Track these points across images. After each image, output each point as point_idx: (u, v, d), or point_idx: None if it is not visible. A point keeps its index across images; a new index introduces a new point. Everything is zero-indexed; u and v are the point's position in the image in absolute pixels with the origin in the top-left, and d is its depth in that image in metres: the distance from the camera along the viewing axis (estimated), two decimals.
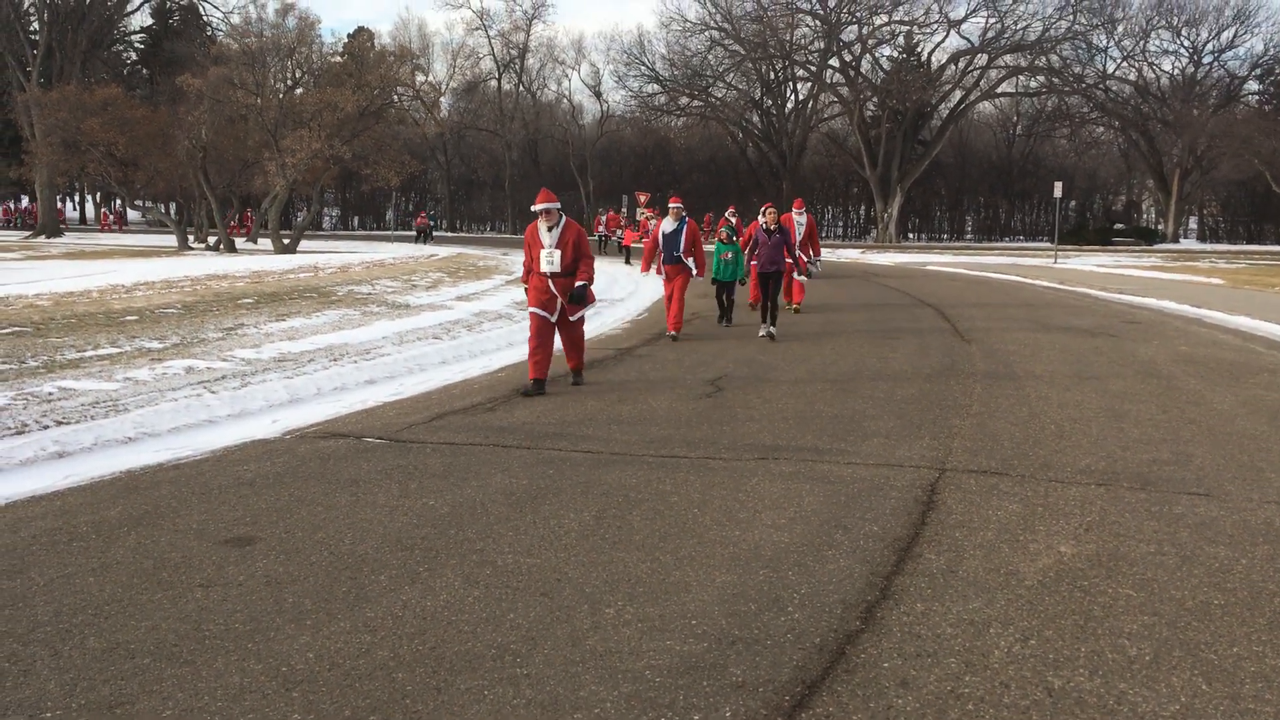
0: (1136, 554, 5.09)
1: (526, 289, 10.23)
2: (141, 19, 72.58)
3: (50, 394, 8.78)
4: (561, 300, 9.85)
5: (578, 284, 9.78)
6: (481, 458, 7.16)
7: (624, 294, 20.65)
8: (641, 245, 23.56)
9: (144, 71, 70.60)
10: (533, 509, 5.89)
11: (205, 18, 68.72)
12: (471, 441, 7.66)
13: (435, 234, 60.10)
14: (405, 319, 14.42)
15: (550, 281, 9.84)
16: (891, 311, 17.70)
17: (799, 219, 17.18)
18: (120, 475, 6.72)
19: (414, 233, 56.21)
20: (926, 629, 4.18)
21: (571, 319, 10.05)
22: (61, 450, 7.28)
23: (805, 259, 16.93)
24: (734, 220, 19.63)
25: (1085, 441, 7.57)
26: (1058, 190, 34.92)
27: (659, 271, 14.49)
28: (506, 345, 13.22)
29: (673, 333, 13.71)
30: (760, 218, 14.53)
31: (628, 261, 31.87)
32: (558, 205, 9.83)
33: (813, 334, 14.21)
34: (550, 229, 9.79)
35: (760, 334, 13.61)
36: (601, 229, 40.59)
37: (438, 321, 14.35)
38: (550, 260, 9.73)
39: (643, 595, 4.55)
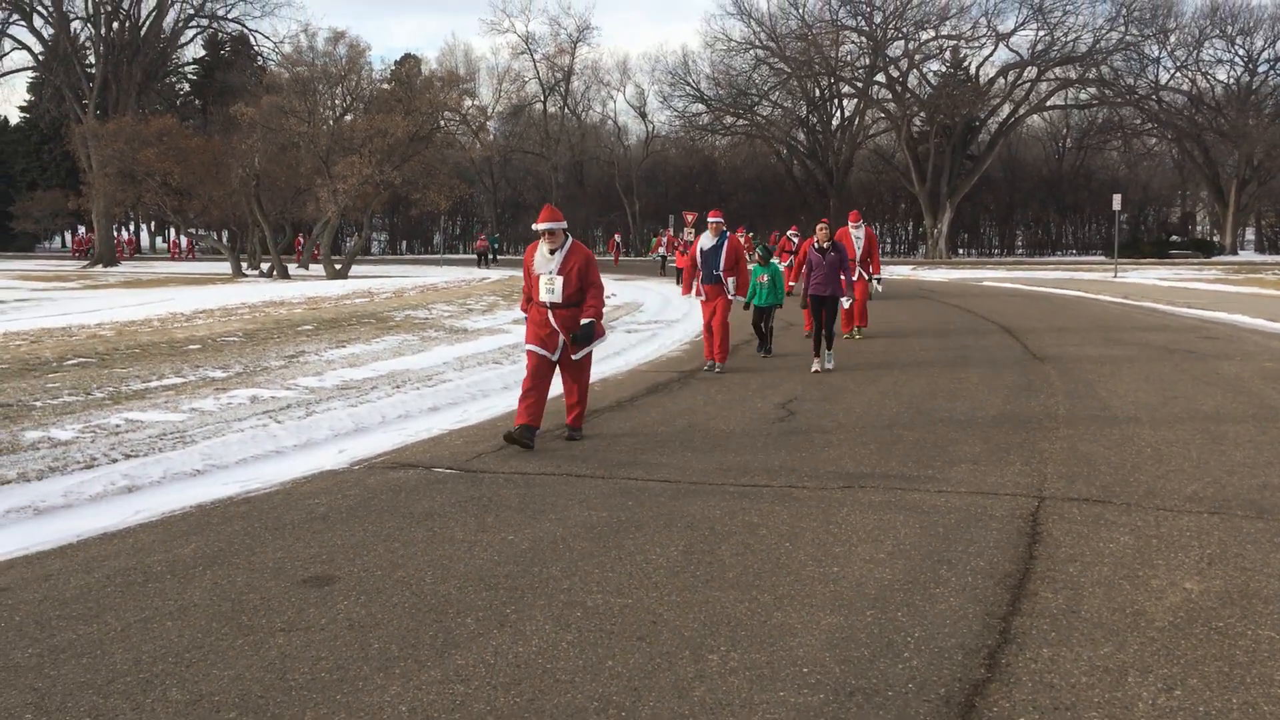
0: (1269, 591, 4.75)
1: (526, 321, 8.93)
2: (194, 50, 73.99)
3: (117, 426, 8.70)
4: (563, 336, 8.50)
5: (584, 320, 8.43)
6: (556, 488, 6.94)
7: (679, 315, 20.43)
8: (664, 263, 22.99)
9: (196, 102, 71.84)
10: (616, 544, 5.65)
11: (256, 48, 69.90)
12: (543, 471, 7.45)
13: (499, 257, 60.38)
14: (464, 343, 14.30)
15: (551, 313, 8.48)
16: (955, 330, 17.31)
17: (856, 233, 16.20)
18: (191, 510, 6.58)
19: (474, 256, 56.54)
20: (1059, 677, 3.88)
21: (574, 358, 8.61)
22: (131, 484, 7.16)
23: (866, 276, 16.05)
24: (797, 240, 19.50)
25: (1187, 466, 7.20)
26: (1116, 203, 34.26)
27: (698, 293, 13.00)
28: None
29: (712, 362, 12.53)
30: (814, 235, 14.09)
31: (678, 282, 31.59)
32: (563, 225, 8.46)
33: (878, 354, 13.88)
34: (553, 252, 8.46)
35: (814, 369, 12.20)
36: (661, 249, 40.32)
37: (496, 346, 14.21)
38: (551, 289, 8.40)
39: (745, 640, 4.29)
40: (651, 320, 18.22)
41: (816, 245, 12.55)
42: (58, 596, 4.96)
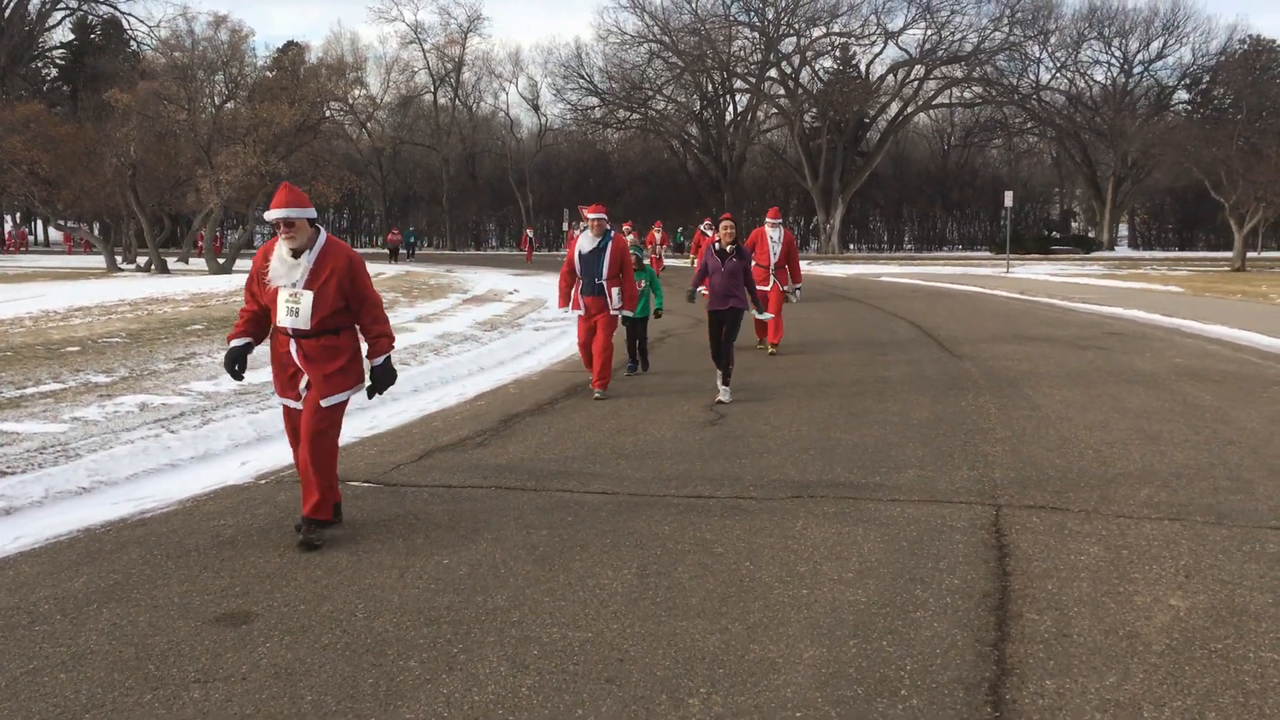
0: (1256, 606, 4.55)
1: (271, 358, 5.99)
2: (62, 34, 70.40)
3: None
4: (310, 376, 5.69)
5: (374, 359, 5.77)
6: (487, 503, 6.45)
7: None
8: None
9: (65, 88, 68.34)
10: (563, 566, 5.20)
11: (129, 32, 66.90)
12: (470, 484, 6.94)
13: (418, 252, 57.02)
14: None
15: (294, 345, 5.69)
16: (867, 326, 17.24)
17: (774, 235, 13.72)
18: (79, 535, 5.90)
19: (376, 250, 54.01)
20: (1070, 715, 3.58)
21: (325, 403, 5.64)
22: (8, 505, 6.42)
23: (783, 286, 13.67)
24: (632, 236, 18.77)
25: (1133, 468, 7.07)
26: (1008, 199, 34.97)
27: (576, 306, 10.61)
28: (478, 370, 12.49)
29: (597, 390, 10.31)
30: (706, 231, 13.11)
31: None
32: (311, 213, 5.64)
33: (794, 351, 13.65)
34: (297, 254, 5.60)
35: (718, 399, 9.93)
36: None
37: (402, 346, 13.53)
38: (294, 308, 5.60)
39: (725, 679, 3.90)
40: (559, 317, 17.71)
41: (717, 247, 10.32)
42: None
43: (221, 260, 37.67)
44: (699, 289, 10.82)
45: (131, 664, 4.10)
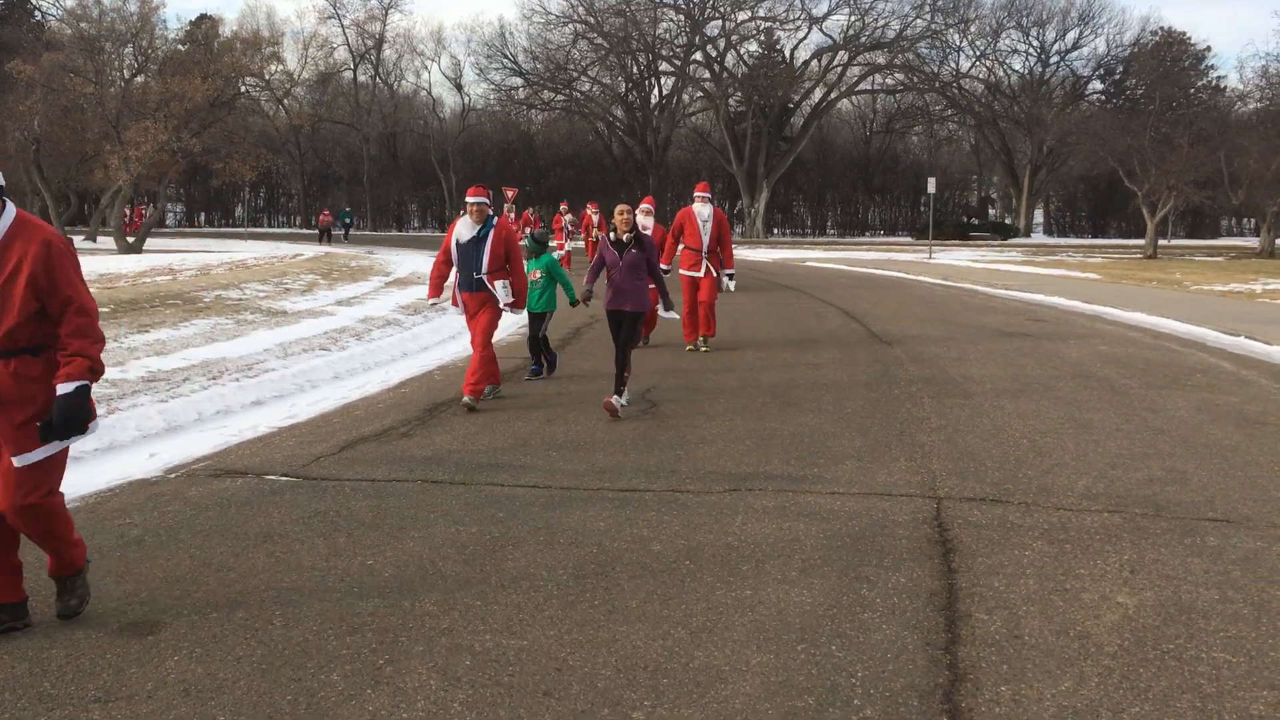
0: (1203, 603, 4.48)
1: None
2: None
3: None
4: None
5: (61, 387, 4.05)
6: (413, 498, 6.16)
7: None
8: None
9: None
10: (495, 567, 4.95)
11: (33, 2, 64.22)
12: (395, 477, 6.64)
13: (353, 234, 53.97)
14: (285, 328, 13.13)
15: None
16: (795, 312, 17.19)
17: (703, 212, 12.19)
18: None
19: (294, 231, 51.98)
20: None
21: (20, 462, 4.06)
22: None
23: (714, 271, 12.25)
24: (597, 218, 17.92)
25: (1068, 459, 7.03)
26: (931, 185, 35.31)
27: (454, 302, 9.35)
28: (401, 355, 12.13)
29: (467, 397, 8.76)
30: (594, 213, 12.20)
31: None
32: None
33: (724, 336, 13.49)
34: None
35: (614, 400, 8.51)
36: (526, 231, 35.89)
37: (322, 330, 13.11)
38: None
39: (670, 689, 3.70)
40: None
41: (613, 237, 8.88)
42: None
43: (131, 239, 36.42)
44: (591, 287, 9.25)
45: (25, 681, 3.77)
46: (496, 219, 9.11)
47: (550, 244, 12.54)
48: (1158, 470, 6.73)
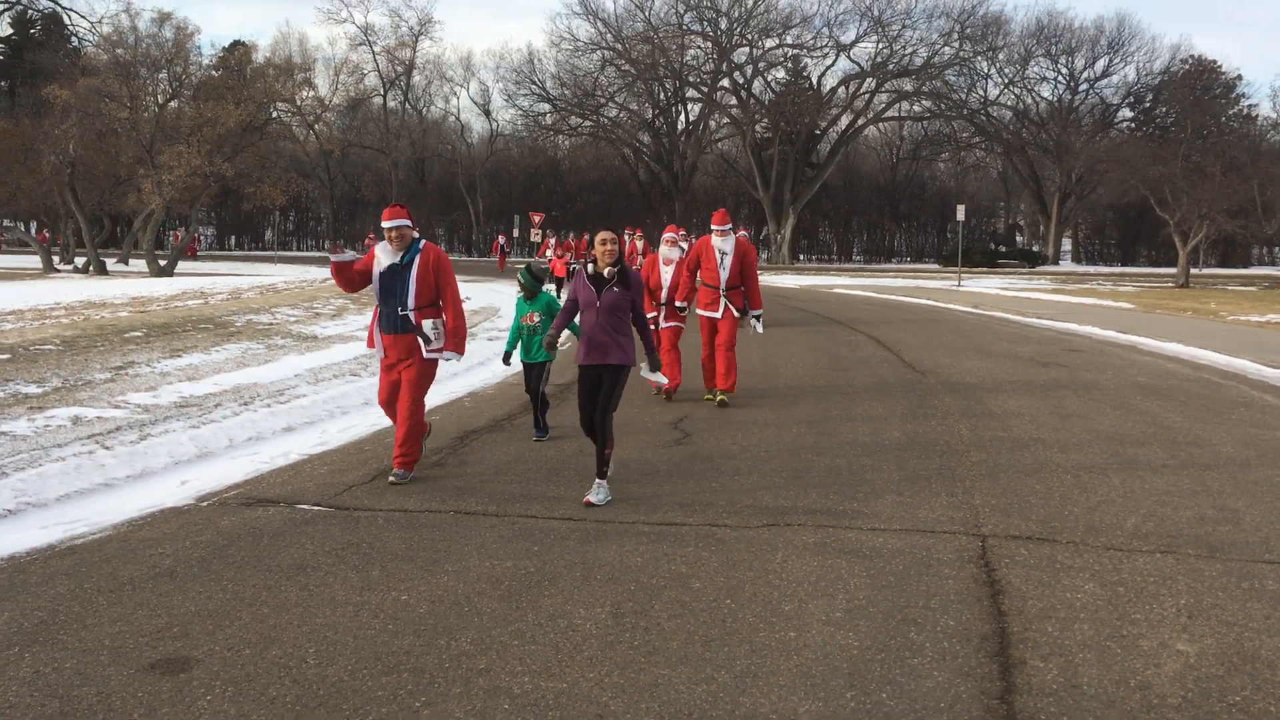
0: (1268, 652, 4.31)
1: None
2: (0, 29, 68.53)
3: None
4: None
5: None
6: (445, 530, 6.07)
7: None
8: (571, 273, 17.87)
9: (2, 84, 66.54)
10: (531, 604, 4.85)
11: (71, 28, 65.31)
12: (428, 508, 6.55)
13: None
14: (316, 353, 13.12)
15: None
16: (824, 340, 17.04)
17: (722, 246, 10.63)
18: (2, 564, 5.44)
19: (309, 255, 52.32)
20: None
21: None
22: None
23: (736, 311, 10.67)
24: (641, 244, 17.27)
25: (1115, 496, 6.86)
26: (960, 213, 35.13)
27: (370, 342, 7.65)
28: (434, 382, 12.05)
29: (397, 472, 7.23)
30: (671, 241, 11.04)
31: (557, 291, 24.87)
32: None
33: (755, 364, 13.35)
34: None
35: (589, 498, 6.68)
36: (550, 251, 33.44)
37: (352, 355, 13.08)
38: None
39: None
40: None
41: (590, 270, 7.04)
42: None
43: (163, 262, 36.71)
44: (562, 333, 7.31)
45: None
46: (423, 242, 7.40)
47: (570, 265, 11.05)
48: (1208, 509, 6.55)
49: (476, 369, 13.34)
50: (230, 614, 4.72)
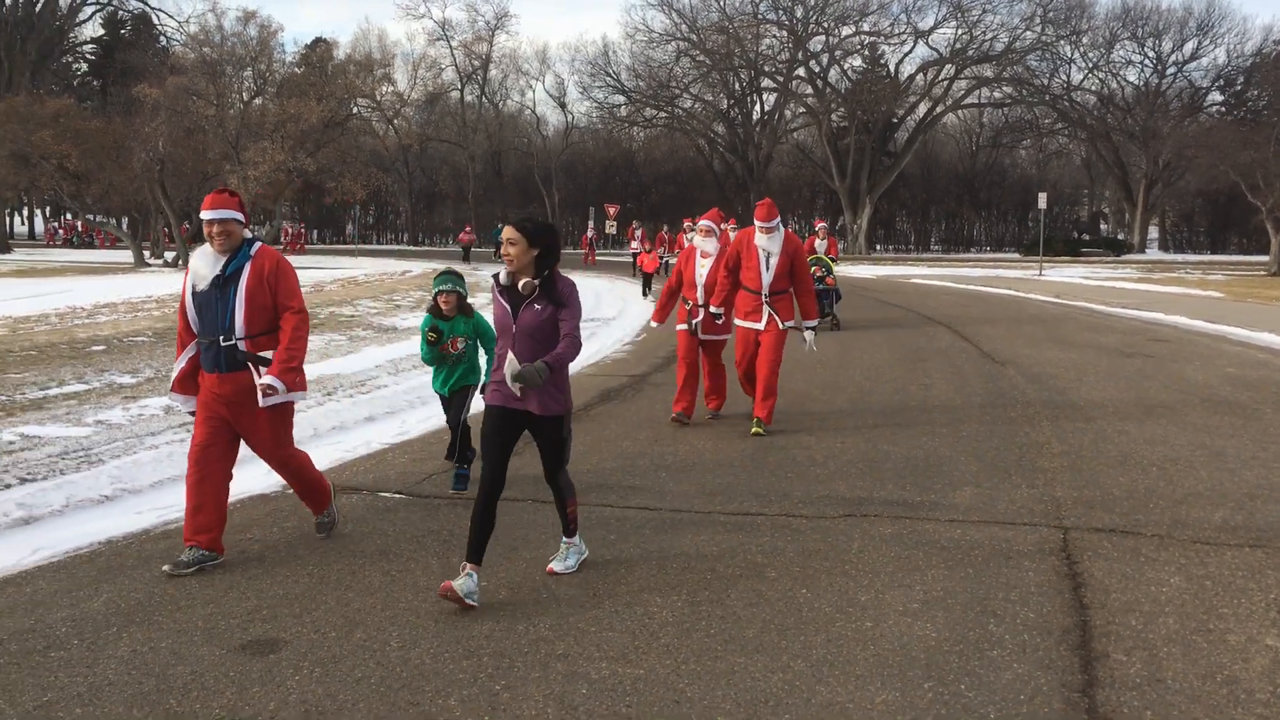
0: None
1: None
2: (92, 29, 70.72)
3: (11, 442, 7.66)
4: None
5: None
6: (523, 518, 6.17)
7: (614, 312, 19.68)
8: (666, 267, 16.24)
9: (95, 83, 68.66)
10: (608, 591, 4.90)
11: (159, 27, 67.08)
12: (506, 496, 6.55)
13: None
14: (396, 344, 13.37)
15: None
16: (901, 331, 16.87)
17: (767, 245, 8.70)
18: (100, 548, 5.66)
19: (387, 248, 53.42)
20: None
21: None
22: (28, 514, 6.19)
23: (781, 323, 8.73)
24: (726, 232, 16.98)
25: (1202, 488, 6.71)
26: (1042, 201, 34.44)
27: (175, 385, 5.85)
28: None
29: (320, 517, 5.86)
30: (692, 232, 9.03)
31: (645, 293, 23.87)
32: None
33: (832, 355, 13.27)
34: None
35: (552, 565, 5.26)
36: (635, 243, 32.31)
37: None
38: None
39: None
40: (586, 318, 17.43)
41: (503, 278, 5.06)
42: None
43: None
44: (509, 369, 4.93)
45: (152, 698, 3.83)
46: (259, 245, 5.49)
47: (663, 259, 10.35)
48: None
49: None
50: (316, 598, 4.85)
